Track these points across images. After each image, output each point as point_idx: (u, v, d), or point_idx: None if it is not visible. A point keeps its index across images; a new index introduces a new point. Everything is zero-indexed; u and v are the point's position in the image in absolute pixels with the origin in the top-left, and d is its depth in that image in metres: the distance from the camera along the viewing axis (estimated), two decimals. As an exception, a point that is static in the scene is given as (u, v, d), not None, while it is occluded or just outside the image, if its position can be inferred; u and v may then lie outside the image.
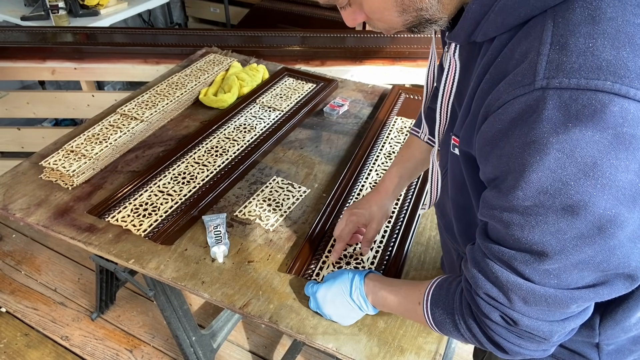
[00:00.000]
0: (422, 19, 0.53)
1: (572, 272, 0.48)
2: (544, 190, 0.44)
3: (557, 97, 0.41)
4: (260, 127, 1.33)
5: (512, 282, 0.52)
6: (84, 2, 2.34)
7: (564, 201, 0.43)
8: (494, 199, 0.50)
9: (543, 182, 0.43)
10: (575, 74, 0.40)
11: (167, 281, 0.91)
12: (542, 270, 0.49)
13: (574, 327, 0.56)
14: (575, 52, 0.41)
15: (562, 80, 0.41)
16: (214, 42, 1.82)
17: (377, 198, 0.94)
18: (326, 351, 0.81)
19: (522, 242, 0.48)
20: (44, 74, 1.90)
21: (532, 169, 0.43)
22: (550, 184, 0.43)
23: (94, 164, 1.18)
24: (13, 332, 1.70)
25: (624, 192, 0.42)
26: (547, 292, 0.50)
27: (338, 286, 0.80)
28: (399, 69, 1.83)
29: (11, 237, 2.08)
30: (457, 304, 0.62)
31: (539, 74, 0.42)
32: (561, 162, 0.42)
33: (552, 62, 0.42)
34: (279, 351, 1.66)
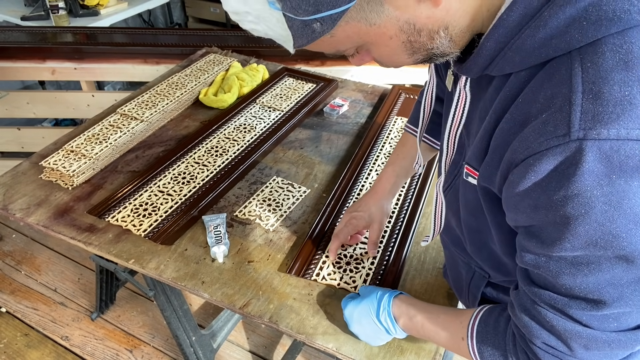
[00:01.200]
0: (433, 55, 0.51)
1: (631, 315, 0.46)
2: (594, 243, 0.42)
3: (596, 149, 0.39)
4: (260, 127, 1.33)
5: (570, 330, 0.49)
6: (84, 2, 2.34)
7: (617, 252, 0.42)
8: (536, 248, 0.48)
9: (591, 234, 0.42)
10: (614, 124, 0.39)
11: (167, 281, 0.91)
12: (600, 316, 0.47)
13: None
14: (612, 102, 0.39)
15: (601, 132, 0.39)
16: (214, 42, 1.82)
17: (375, 199, 0.93)
18: (326, 351, 0.81)
19: (575, 290, 0.47)
20: (44, 74, 1.90)
21: (578, 222, 0.42)
22: (599, 237, 0.42)
23: (94, 164, 1.18)
24: (13, 332, 1.70)
25: None
26: (609, 337, 0.48)
27: (365, 305, 0.76)
28: (399, 69, 1.82)
29: (11, 237, 2.08)
30: (510, 346, 0.58)
31: (574, 125, 0.40)
32: (609, 214, 0.41)
33: (587, 112, 0.40)
34: (279, 351, 1.66)
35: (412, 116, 0.95)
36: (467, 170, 0.58)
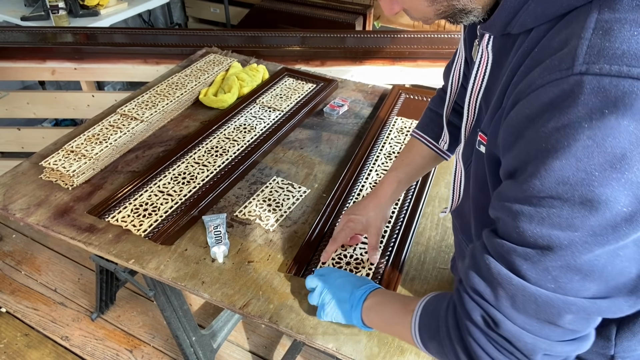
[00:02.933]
0: (455, 9, 0.51)
1: (572, 278, 0.45)
2: (565, 181, 0.41)
3: (596, 83, 0.39)
4: (260, 127, 1.33)
5: (503, 276, 0.48)
6: (84, 2, 2.34)
7: (584, 194, 0.41)
8: (507, 190, 0.47)
9: (566, 170, 0.41)
10: (618, 60, 0.38)
11: (167, 281, 0.91)
12: (542, 268, 0.46)
13: (562, 356, 0.51)
14: (620, 38, 0.39)
15: (603, 67, 0.38)
16: (214, 42, 1.82)
17: (375, 203, 0.91)
18: (326, 351, 0.81)
19: (527, 235, 0.46)
20: (44, 74, 1.90)
21: (557, 156, 0.41)
22: (573, 174, 0.40)
23: (94, 164, 1.18)
24: (13, 332, 1.70)
25: None
26: (540, 292, 0.47)
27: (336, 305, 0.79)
28: (399, 69, 1.83)
29: (11, 237, 2.08)
30: (443, 311, 0.59)
31: (579, 58, 0.40)
32: (590, 150, 0.39)
33: (594, 46, 0.39)
34: (279, 351, 1.66)
35: (420, 122, 0.93)
36: (480, 138, 0.57)
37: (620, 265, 0.44)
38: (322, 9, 2.84)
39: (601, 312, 0.47)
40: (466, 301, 0.53)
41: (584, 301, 0.46)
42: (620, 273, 0.45)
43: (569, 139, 0.40)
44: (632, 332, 0.56)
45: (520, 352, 0.51)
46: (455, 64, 0.70)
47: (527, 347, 0.50)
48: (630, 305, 0.47)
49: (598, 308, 0.46)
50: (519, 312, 0.49)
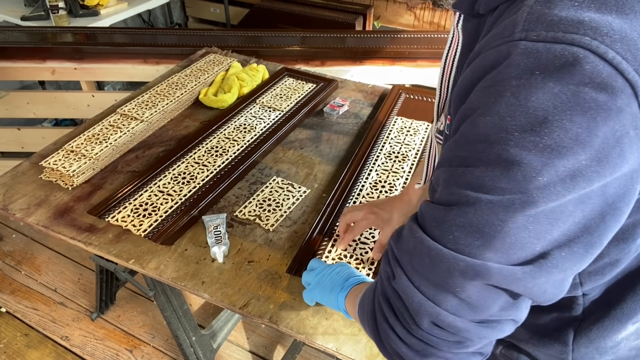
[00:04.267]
0: None
1: (472, 242, 0.42)
2: (485, 138, 0.40)
3: (531, 46, 0.39)
4: (260, 127, 1.33)
5: (412, 230, 0.47)
6: (84, 2, 2.34)
7: (500, 153, 0.39)
8: (443, 151, 0.47)
9: (488, 127, 0.40)
10: (554, 26, 0.38)
11: (167, 281, 0.91)
12: (446, 226, 0.43)
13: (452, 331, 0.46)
14: (559, 6, 0.39)
15: (540, 33, 0.38)
16: (214, 42, 1.82)
17: (401, 206, 0.90)
18: (326, 351, 0.81)
19: (443, 193, 0.45)
20: (44, 74, 1.90)
21: (483, 112, 0.41)
22: (494, 132, 0.40)
23: (94, 164, 1.18)
24: (13, 332, 1.70)
25: (565, 164, 0.38)
26: (434, 246, 0.44)
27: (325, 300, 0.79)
28: (399, 69, 1.83)
29: (11, 237, 2.08)
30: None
31: (519, 25, 0.40)
32: (513, 108, 0.38)
33: (534, 13, 0.40)
34: (279, 351, 1.66)
35: None
36: (448, 121, 0.57)
37: (524, 237, 0.41)
38: (322, 9, 2.84)
39: (493, 275, 0.42)
40: (379, 280, 0.53)
41: (473, 260, 0.42)
42: (522, 246, 0.41)
43: (496, 95, 0.40)
44: (589, 339, 0.55)
45: (408, 312, 0.48)
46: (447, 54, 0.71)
47: (414, 307, 0.47)
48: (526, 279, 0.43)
49: (488, 270, 0.42)
50: (415, 267, 0.47)
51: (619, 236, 0.47)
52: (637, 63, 0.37)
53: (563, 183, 0.38)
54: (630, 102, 0.37)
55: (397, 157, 1.22)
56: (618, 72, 0.36)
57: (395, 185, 1.13)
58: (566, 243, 0.41)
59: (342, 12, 2.79)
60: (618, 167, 0.38)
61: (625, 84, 0.36)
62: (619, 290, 0.54)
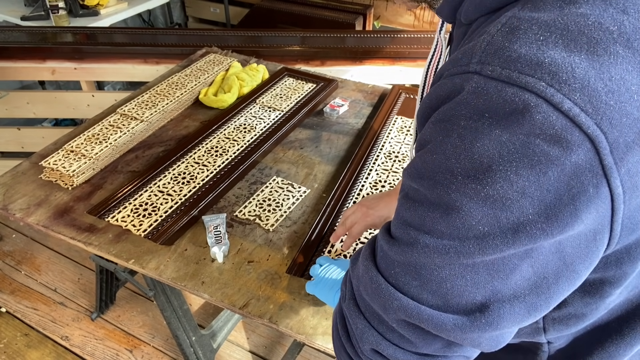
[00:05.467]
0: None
1: (411, 282, 0.41)
2: (430, 176, 0.38)
3: (482, 84, 0.35)
4: (260, 127, 1.33)
5: (364, 257, 0.47)
6: (84, 2, 2.34)
7: (441, 195, 0.37)
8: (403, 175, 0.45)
9: (435, 166, 0.38)
10: (511, 65, 0.34)
11: (167, 281, 0.91)
12: (389, 260, 0.43)
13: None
14: (522, 40, 0.35)
15: (495, 69, 0.35)
16: (214, 42, 1.82)
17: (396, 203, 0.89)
18: (326, 351, 0.81)
19: (393, 223, 0.44)
20: (44, 74, 1.90)
21: (430, 149, 0.39)
22: (439, 171, 0.37)
23: (94, 164, 1.18)
24: (13, 332, 1.70)
25: (508, 217, 0.35)
26: (377, 278, 0.44)
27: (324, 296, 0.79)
28: (399, 69, 1.83)
29: (11, 237, 2.08)
30: None
31: (476, 55, 0.36)
32: (458, 151, 0.36)
33: (493, 44, 0.36)
34: (279, 351, 1.66)
35: None
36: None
37: (461, 285, 0.39)
38: (322, 9, 2.84)
39: (424, 320, 0.41)
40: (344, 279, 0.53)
41: (408, 300, 0.41)
42: (459, 294, 0.39)
43: (445, 133, 0.37)
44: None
45: (354, 336, 0.48)
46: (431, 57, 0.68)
47: (357, 332, 0.47)
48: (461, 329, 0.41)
49: (420, 315, 0.41)
50: (361, 293, 0.47)
51: (584, 289, 0.44)
52: (598, 116, 0.32)
53: (503, 236, 0.36)
54: (589, 157, 0.33)
55: (397, 156, 1.22)
56: (575, 125, 0.32)
57: (395, 185, 1.13)
58: (509, 299, 0.39)
59: (342, 12, 2.79)
60: (569, 227, 0.35)
61: (584, 138, 0.33)
62: (586, 343, 0.51)
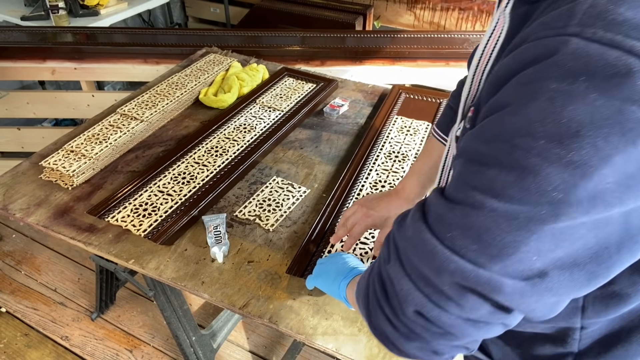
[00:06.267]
0: None
1: (470, 246, 0.40)
2: (508, 139, 0.37)
3: (583, 46, 0.34)
4: (260, 127, 1.33)
5: (415, 218, 0.45)
6: (84, 2, 2.34)
7: (518, 159, 0.36)
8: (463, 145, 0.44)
9: (514, 129, 0.36)
10: (616, 27, 0.33)
11: (167, 281, 0.91)
12: (446, 222, 0.42)
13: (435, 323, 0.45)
14: (628, 3, 0.33)
15: (597, 32, 0.33)
16: (214, 42, 1.82)
17: (397, 204, 0.86)
18: (326, 351, 0.81)
19: (451, 187, 0.43)
20: (44, 74, 1.90)
21: (511, 111, 0.37)
22: (519, 134, 0.36)
23: (94, 164, 1.18)
24: (13, 332, 1.70)
25: (587, 184, 0.34)
26: (431, 241, 0.42)
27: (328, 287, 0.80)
28: (399, 69, 1.83)
29: (11, 237, 2.08)
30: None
31: (575, 18, 0.35)
32: (544, 114, 0.35)
33: (596, 7, 0.34)
34: (279, 351, 1.66)
35: (440, 121, 0.85)
36: (471, 113, 0.50)
37: (524, 251, 0.38)
38: (322, 9, 2.84)
39: (481, 283, 0.40)
40: (384, 241, 0.53)
41: (465, 263, 0.40)
42: (520, 260, 0.38)
43: (530, 96, 0.36)
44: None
45: (396, 297, 0.47)
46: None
47: (402, 294, 0.46)
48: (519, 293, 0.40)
49: (477, 278, 0.40)
50: (410, 256, 0.46)
51: (633, 266, 0.42)
52: None
53: (579, 204, 0.35)
54: None
55: (397, 156, 1.22)
56: None
57: (395, 185, 1.13)
58: (569, 267, 0.38)
59: (342, 12, 2.79)
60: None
61: None
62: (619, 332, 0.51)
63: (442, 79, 1.84)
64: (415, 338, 0.47)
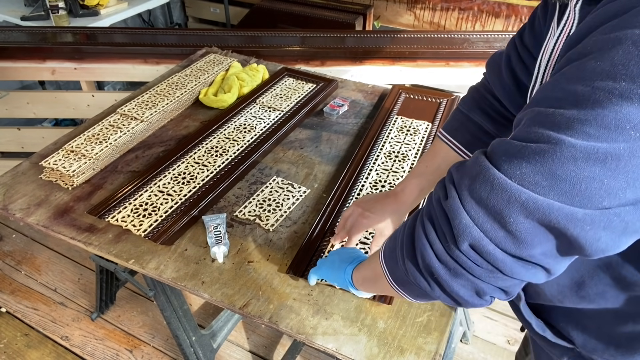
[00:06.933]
0: None
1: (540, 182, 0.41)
2: (588, 82, 0.38)
3: None
4: (260, 127, 1.33)
5: (479, 160, 0.45)
6: (84, 2, 2.34)
7: (600, 98, 0.37)
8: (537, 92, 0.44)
9: (596, 72, 0.37)
10: None
11: (167, 281, 0.91)
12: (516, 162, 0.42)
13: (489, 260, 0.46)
14: None
15: None
16: (214, 42, 1.82)
17: (394, 207, 0.85)
18: (326, 351, 0.81)
19: (521, 132, 0.43)
20: (44, 74, 1.90)
21: (594, 56, 0.38)
22: (600, 77, 0.37)
23: (94, 164, 1.18)
24: (13, 332, 1.70)
25: None
26: (499, 176, 0.43)
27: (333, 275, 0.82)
28: (399, 69, 1.83)
29: (11, 237, 2.08)
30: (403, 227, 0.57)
31: None
32: (629, 57, 0.36)
33: None
34: (279, 351, 1.66)
35: (449, 124, 0.83)
36: None
37: (595, 189, 0.39)
38: (322, 9, 2.84)
39: (551, 215, 0.41)
40: (430, 198, 0.52)
41: (538, 197, 0.41)
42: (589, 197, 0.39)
43: (614, 42, 0.37)
44: None
45: (451, 232, 0.47)
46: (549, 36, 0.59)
47: (459, 228, 0.46)
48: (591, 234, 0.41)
49: (550, 207, 0.40)
50: (472, 192, 0.45)
51: None
52: None
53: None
54: None
55: (397, 156, 1.22)
56: None
57: (395, 185, 1.13)
58: (634, 203, 0.39)
59: (342, 12, 2.79)
60: None
61: None
62: None
63: (442, 79, 1.84)
64: (462, 275, 0.48)
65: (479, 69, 1.80)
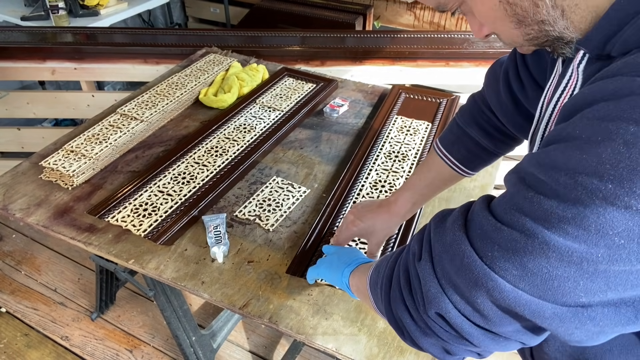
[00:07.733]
0: (550, 36, 0.44)
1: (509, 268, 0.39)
2: (572, 175, 0.35)
3: None
4: (260, 127, 1.33)
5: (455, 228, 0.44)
6: (84, 2, 2.34)
7: (583, 197, 0.34)
8: (520, 162, 0.42)
9: (582, 166, 0.35)
10: None
11: (167, 281, 0.91)
12: (489, 241, 0.41)
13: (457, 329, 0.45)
14: None
15: None
16: (214, 42, 1.82)
17: (385, 217, 0.85)
18: (326, 351, 0.81)
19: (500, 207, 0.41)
20: (44, 74, 1.90)
21: (581, 146, 0.35)
22: (585, 173, 0.34)
23: (94, 164, 1.18)
24: (13, 332, 1.70)
25: None
26: (471, 255, 0.41)
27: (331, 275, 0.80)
28: (399, 69, 1.83)
29: (11, 237, 2.08)
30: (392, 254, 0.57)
31: None
32: (618, 157, 0.33)
33: None
34: (279, 351, 1.66)
35: (445, 137, 0.81)
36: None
37: (570, 288, 0.37)
38: (322, 9, 2.84)
39: (520, 305, 0.39)
40: (416, 235, 0.52)
41: (505, 284, 0.39)
42: (564, 294, 0.38)
43: (604, 135, 0.34)
44: None
45: (421, 296, 0.47)
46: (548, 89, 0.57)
47: (429, 295, 0.45)
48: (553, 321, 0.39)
49: (517, 300, 0.39)
50: (443, 262, 0.45)
51: None
52: None
53: (636, 255, 0.34)
54: None
55: (397, 156, 1.22)
56: None
57: (395, 185, 1.13)
58: (615, 303, 0.37)
59: (342, 12, 2.79)
60: None
61: None
62: None
63: (442, 79, 1.84)
64: (432, 335, 0.48)
65: (479, 69, 1.80)
